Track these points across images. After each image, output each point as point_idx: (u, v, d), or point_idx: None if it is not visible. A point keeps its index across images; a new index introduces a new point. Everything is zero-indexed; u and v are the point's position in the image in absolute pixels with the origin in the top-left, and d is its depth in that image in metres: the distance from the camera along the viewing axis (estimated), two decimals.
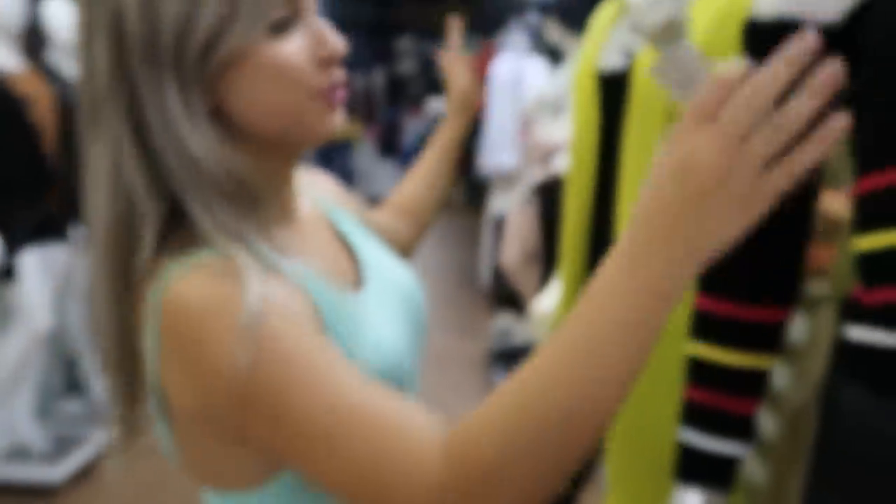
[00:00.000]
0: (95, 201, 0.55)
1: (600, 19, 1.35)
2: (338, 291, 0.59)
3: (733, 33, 1.07)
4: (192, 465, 0.58)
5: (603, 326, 0.45)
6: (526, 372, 0.47)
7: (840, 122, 0.42)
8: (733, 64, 0.42)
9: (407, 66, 8.07)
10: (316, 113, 0.57)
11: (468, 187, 6.81)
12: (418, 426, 0.50)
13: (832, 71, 0.41)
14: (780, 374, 0.94)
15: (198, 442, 0.56)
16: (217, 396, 0.50)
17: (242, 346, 0.49)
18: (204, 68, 0.52)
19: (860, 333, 0.65)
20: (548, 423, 0.45)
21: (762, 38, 0.70)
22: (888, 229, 0.61)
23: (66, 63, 2.69)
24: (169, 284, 0.51)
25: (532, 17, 4.29)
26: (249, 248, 0.54)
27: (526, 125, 3.20)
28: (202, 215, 0.53)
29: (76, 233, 2.62)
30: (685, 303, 0.95)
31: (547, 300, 1.57)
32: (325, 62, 0.56)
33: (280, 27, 0.54)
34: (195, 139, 0.52)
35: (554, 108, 2.80)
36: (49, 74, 2.59)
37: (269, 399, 0.49)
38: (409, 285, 0.69)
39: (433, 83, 7.89)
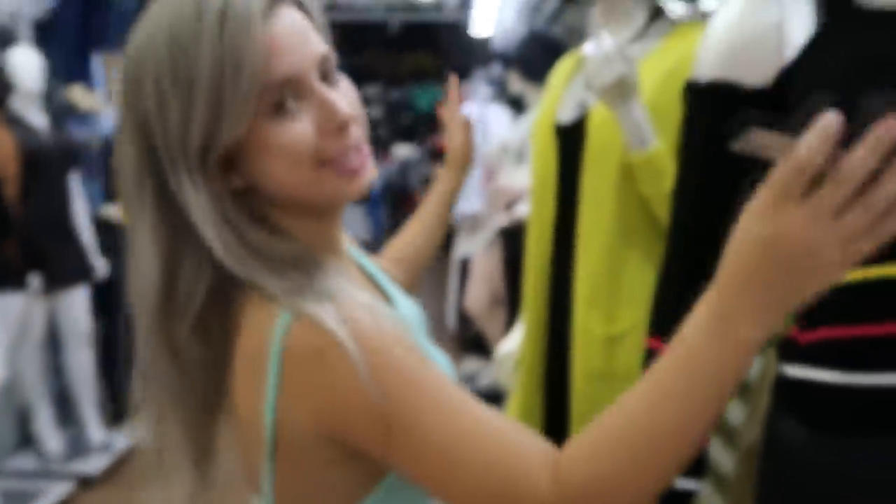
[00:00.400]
0: (142, 271, 0.61)
1: (558, 73, 1.42)
2: (423, 338, 0.67)
3: (677, 92, 1.14)
4: (295, 498, 0.61)
5: (698, 375, 0.50)
6: (628, 407, 0.53)
7: None
8: (809, 140, 0.45)
9: (374, 112, 8.19)
10: (329, 182, 0.61)
11: None
12: (531, 447, 0.55)
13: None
14: (735, 411, 0.97)
15: (306, 470, 0.60)
16: (353, 420, 0.56)
17: (386, 365, 0.55)
18: (208, 161, 0.59)
19: (794, 371, 0.69)
20: (647, 456, 0.51)
21: (700, 98, 0.76)
22: None
23: (30, 111, 2.69)
24: (289, 323, 0.57)
25: (495, 69, 4.41)
26: (340, 286, 0.60)
27: (490, 171, 3.27)
28: (265, 281, 0.59)
29: (34, 281, 2.58)
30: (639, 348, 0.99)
31: (512, 343, 1.60)
32: (336, 130, 0.60)
33: (280, 107, 0.59)
34: (212, 227, 0.59)
35: (517, 155, 2.88)
36: (12, 122, 2.59)
37: (403, 421, 0.55)
38: (423, 323, 0.76)
39: (399, 130, 8.00)
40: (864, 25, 0.65)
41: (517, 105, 3.39)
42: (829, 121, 0.45)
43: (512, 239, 2.80)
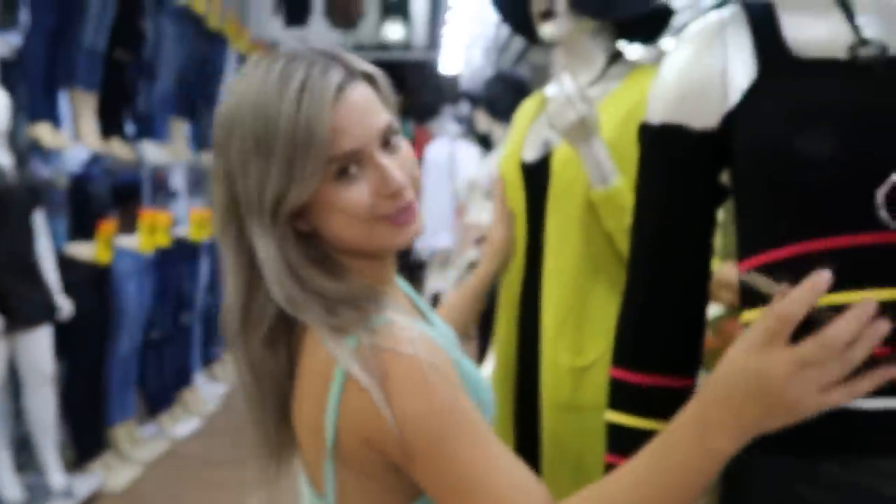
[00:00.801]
0: (229, 293, 0.73)
1: (523, 112, 1.46)
2: (451, 343, 0.77)
3: (636, 132, 1.19)
4: (354, 498, 0.70)
5: (673, 472, 0.59)
6: (607, 490, 0.62)
7: (890, 371, 0.56)
8: (798, 294, 0.55)
9: None
10: (382, 233, 0.71)
11: (405, 268, 6.86)
12: (536, 492, 0.64)
13: (883, 327, 0.55)
14: None
15: (363, 474, 0.69)
16: (394, 433, 0.64)
17: (422, 393, 0.65)
18: (279, 214, 0.69)
19: None
20: None
21: (651, 139, 0.80)
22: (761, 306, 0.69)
23: None
24: (360, 342, 0.66)
25: (463, 107, 4.49)
26: (400, 316, 0.70)
27: (460, 207, 3.30)
28: (313, 317, 0.69)
29: None
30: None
31: (484, 374, 1.60)
32: (390, 195, 0.70)
33: (344, 172, 0.69)
34: (272, 270, 0.69)
35: (486, 191, 2.92)
36: None
37: (437, 447, 0.64)
38: (456, 341, 0.86)
39: None
40: (798, 74, 0.70)
41: (485, 142, 3.45)
42: (819, 278, 0.54)
43: None
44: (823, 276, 0.54)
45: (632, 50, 1.38)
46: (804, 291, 0.54)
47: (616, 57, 1.33)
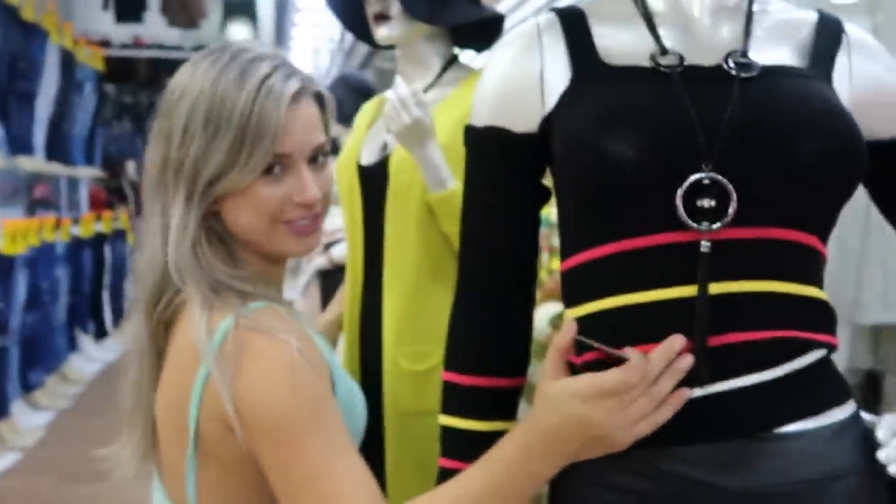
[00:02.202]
0: (141, 265, 0.77)
1: (363, 115, 1.44)
2: (332, 354, 0.79)
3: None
4: (215, 491, 0.72)
5: (497, 489, 0.68)
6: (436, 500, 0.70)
7: (682, 397, 0.65)
8: (631, 365, 0.64)
9: None
10: (281, 237, 0.77)
11: None
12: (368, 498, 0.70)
13: (686, 362, 0.65)
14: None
15: (224, 466, 0.72)
16: (247, 418, 0.68)
17: (284, 383, 0.68)
18: (208, 194, 0.74)
19: None
20: None
21: (475, 141, 0.81)
22: (584, 302, 0.72)
23: None
24: (229, 328, 0.70)
25: None
26: (281, 308, 0.75)
27: None
28: (200, 291, 0.73)
29: None
30: None
31: None
32: (300, 204, 0.76)
33: (270, 170, 0.74)
34: (176, 235, 0.74)
35: (333, 196, 2.87)
36: None
37: (286, 432, 0.68)
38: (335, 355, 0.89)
39: None
40: (607, 79, 0.72)
41: (334, 147, 3.40)
42: (671, 347, 0.65)
43: (330, 280, 2.77)
44: (676, 344, 0.64)
45: (468, 55, 1.40)
46: (660, 361, 0.64)
47: (451, 62, 1.34)
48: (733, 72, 0.69)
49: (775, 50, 0.73)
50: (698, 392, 0.66)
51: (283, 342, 0.69)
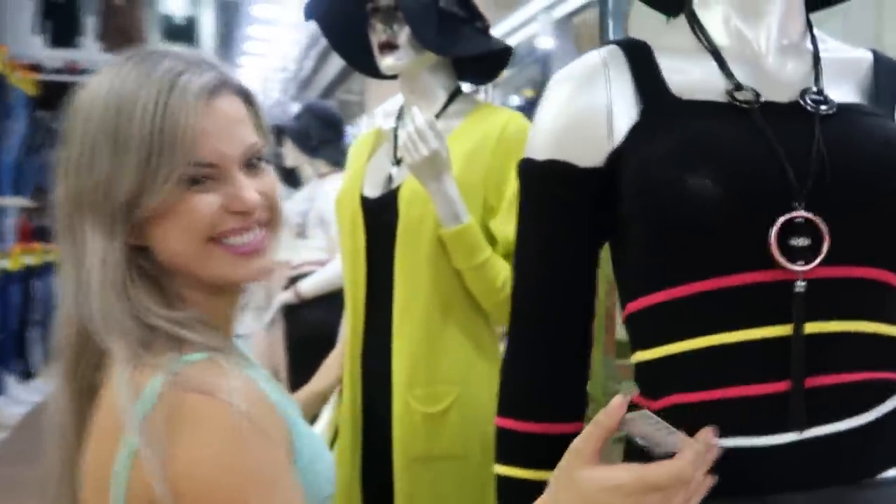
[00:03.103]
0: (58, 321, 0.65)
1: (360, 147, 1.39)
2: (295, 410, 0.67)
3: (480, 170, 1.21)
4: None
5: None
6: None
7: (708, 484, 0.59)
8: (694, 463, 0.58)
9: None
10: (218, 260, 0.63)
11: None
12: None
13: (713, 453, 0.59)
14: None
15: None
16: (183, 485, 0.56)
17: (226, 455, 0.57)
18: (127, 220, 0.62)
19: None
20: None
21: (535, 175, 0.77)
22: (661, 345, 0.70)
23: None
24: (158, 386, 0.57)
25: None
26: (227, 357, 0.62)
27: None
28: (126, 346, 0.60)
29: None
30: None
31: (317, 429, 1.50)
32: (236, 214, 0.63)
33: (195, 182, 0.62)
34: (104, 281, 0.61)
35: (297, 228, 2.79)
36: None
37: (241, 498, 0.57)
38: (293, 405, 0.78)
39: None
40: (681, 114, 0.71)
41: (290, 177, 3.30)
42: (708, 442, 0.59)
43: (295, 316, 2.68)
44: (711, 442, 0.59)
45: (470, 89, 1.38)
46: (696, 461, 0.57)
47: (456, 93, 1.32)
48: (811, 108, 0.69)
49: (840, 88, 0.73)
50: (794, 437, 0.64)
51: (225, 405, 0.56)
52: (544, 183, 0.76)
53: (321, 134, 2.81)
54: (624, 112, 0.72)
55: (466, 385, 1.21)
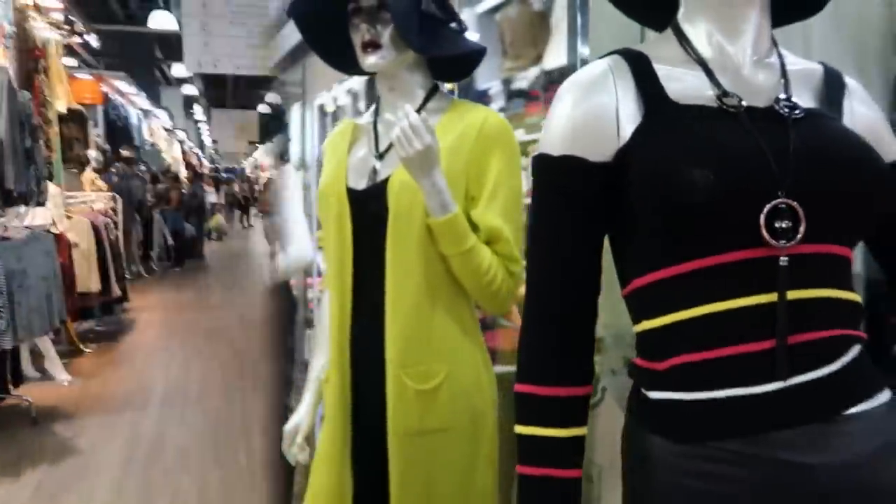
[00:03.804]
0: None
1: (337, 140, 1.44)
2: None
3: (460, 164, 1.28)
4: None
5: None
6: None
7: None
8: None
9: None
10: None
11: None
12: None
13: None
14: None
15: None
16: None
17: None
18: None
19: (655, 395, 0.83)
20: None
21: (550, 167, 0.88)
22: (665, 314, 0.81)
23: None
24: None
25: None
26: None
27: None
28: None
29: None
30: None
31: (298, 417, 1.53)
32: None
33: None
34: None
35: None
36: None
37: None
38: None
39: None
40: (680, 116, 0.81)
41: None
42: None
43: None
44: None
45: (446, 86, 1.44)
46: None
47: (433, 91, 1.39)
48: (784, 113, 0.81)
49: (801, 96, 0.86)
50: (780, 385, 0.77)
51: None
52: (558, 175, 0.86)
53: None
54: (629, 113, 0.83)
55: (455, 363, 1.29)
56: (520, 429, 0.87)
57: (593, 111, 0.84)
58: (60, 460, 3.48)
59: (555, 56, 1.99)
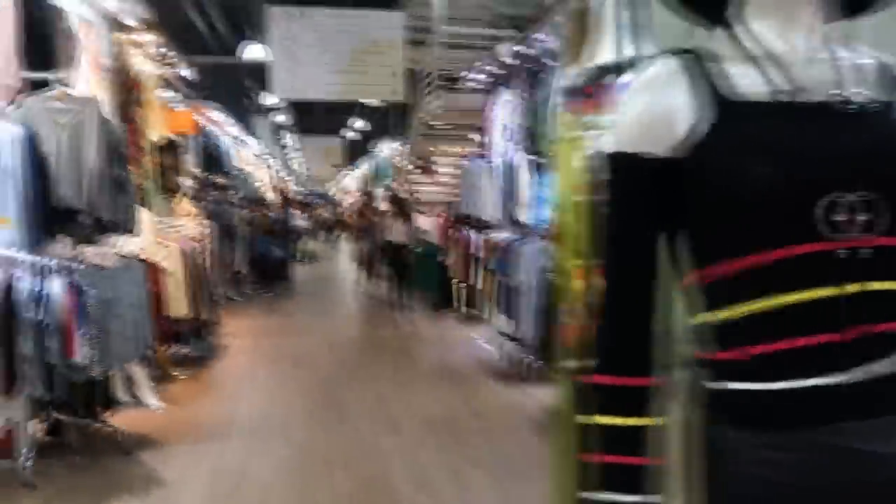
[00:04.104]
0: None
1: None
2: None
3: None
4: None
5: None
6: None
7: None
8: None
9: None
10: None
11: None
12: None
13: None
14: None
15: None
16: None
17: None
18: None
19: (735, 385, 0.85)
20: None
21: (622, 163, 0.92)
22: (734, 305, 0.85)
23: None
24: None
25: None
26: None
27: None
28: None
29: None
30: None
31: None
32: None
33: None
34: None
35: None
36: None
37: None
38: None
39: None
40: (742, 112, 0.86)
41: None
42: None
43: None
44: None
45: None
46: None
47: None
48: (839, 107, 0.84)
49: (856, 89, 0.86)
50: (856, 376, 0.79)
51: None
52: (630, 170, 0.90)
53: None
54: (693, 112, 0.88)
55: None
56: (600, 419, 0.90)
57: (661, 109, 0.89)
58: (147, 492, 3.45)
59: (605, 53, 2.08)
